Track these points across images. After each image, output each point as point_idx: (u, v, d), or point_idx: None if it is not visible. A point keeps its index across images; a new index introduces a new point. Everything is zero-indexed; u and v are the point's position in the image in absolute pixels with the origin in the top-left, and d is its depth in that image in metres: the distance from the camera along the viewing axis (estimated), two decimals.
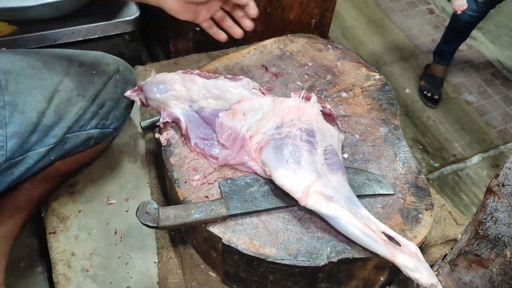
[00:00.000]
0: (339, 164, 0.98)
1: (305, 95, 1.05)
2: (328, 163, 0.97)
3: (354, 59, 1.30)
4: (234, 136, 1.01)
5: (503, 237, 0.77)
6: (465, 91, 2.57)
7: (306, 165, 0.95)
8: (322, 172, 0.95)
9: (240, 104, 1.03)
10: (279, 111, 1.01)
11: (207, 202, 0.94)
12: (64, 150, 1.07)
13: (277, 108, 1.02)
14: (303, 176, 0.94)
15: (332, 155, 0.98)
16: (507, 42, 2.85)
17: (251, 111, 1.02)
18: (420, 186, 1.03)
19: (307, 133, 0.99)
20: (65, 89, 1.04)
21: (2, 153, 0.94)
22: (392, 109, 1.18)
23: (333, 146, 0.99)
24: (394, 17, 2.92)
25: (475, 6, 2.21)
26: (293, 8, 1.58)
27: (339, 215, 0.90)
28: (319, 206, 0.91)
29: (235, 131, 1.01)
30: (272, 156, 0.97)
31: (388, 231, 0.91)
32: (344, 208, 0.90)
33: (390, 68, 2.62)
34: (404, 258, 0.86)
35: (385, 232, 0.91)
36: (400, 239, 0.90)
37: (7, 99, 0.96)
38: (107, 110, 1.11)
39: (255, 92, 1.07)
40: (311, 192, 0.92)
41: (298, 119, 1.00)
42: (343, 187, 0.94)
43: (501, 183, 0.72)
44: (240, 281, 1.00)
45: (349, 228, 0.89)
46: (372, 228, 0.90)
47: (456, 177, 2.20)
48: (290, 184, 0.94)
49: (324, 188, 0.92)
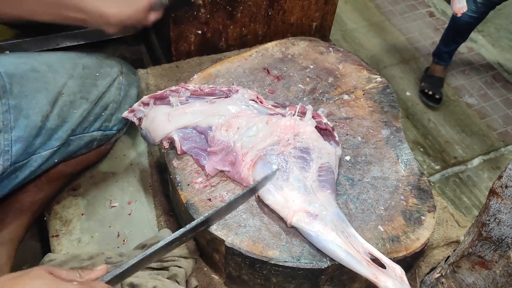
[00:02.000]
0: (331, 183, 0.97)
1: (301, 109, 1.05)
2: (320, 180, 0.96)
3: (355, 61, 1.30)
4: (226, 150, 1.01)
5: (507, 239, 0.77)
6: (466, 94, 2.57)
7: (295, 182, 0.94)
8: (312, 189, 0.94)
9: (236, 119, 1.03)
10: (275, 130, 1.00)
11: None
12: (68, 152, 1.07)
13: (273, 127, 1.00)
14: (290, 194, 0.93)
15: (328, 172, 0.97)
16: (507, 44, 2.86)
17: (246, 127, 1.01)
18: (423, 188, 1.03)
19: (301, 151, 0.98)
20: (69, 92, 1.04)
21: (7, 158, 0.95)
22: (393, 112, 1.18)
23: (330, 164, 0.99)
24: (395, 20, 2.92)
25: (474, 7, 2.21)
26: (294, 11, 1.59)
27: (322, 233, 0.89)
28: (303, 224, 0.90)
29: (227, 145, 1.00)
30: (262, 173, 0.96)
31: (375, 252, 0.89)
32: (328, 226, 0.89)
33: (390, 71, 2.62)
34: (387, 282, 0.84)
35: (371, 252, 0.89)
36: (386, 261, 0.88)
37: (12, 102, 0.96)
38: (110, 112, 1.11)
39: (251, 104, 1.07)
40: (296, 211, 0.91)
41: (293, 138, 0.99)
42: (330, 205, 0.93)
43: (504, 185, 0.72)
44: (243, 283, 1.00)
45: (331, 246, 0.88)
46: (357, 248, 0.88)
47: (457, 179, 2.20)
48: (276, 203, 0.94)
49: (310, 206, 0.92)
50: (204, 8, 1.45)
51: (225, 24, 1.53)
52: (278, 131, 0.99)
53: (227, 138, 1.00)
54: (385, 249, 0.93)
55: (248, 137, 1.00)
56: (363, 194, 1.02)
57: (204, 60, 1.53)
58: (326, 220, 0.90)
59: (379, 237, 0.95)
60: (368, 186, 1.03)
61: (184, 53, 1.55)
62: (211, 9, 1.47)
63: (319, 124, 1.03)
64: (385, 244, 0.94)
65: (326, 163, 0.98)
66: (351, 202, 1.00)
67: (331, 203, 0.94)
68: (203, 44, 1.56)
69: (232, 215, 0.96)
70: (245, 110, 1.05)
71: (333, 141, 1.04)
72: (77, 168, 1.17)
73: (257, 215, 0.96)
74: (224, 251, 0.94)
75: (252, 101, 1.07)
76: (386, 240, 0.95)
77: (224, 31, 1.54)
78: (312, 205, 0.92)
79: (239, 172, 0.98)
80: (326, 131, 1.04)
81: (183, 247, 1.02)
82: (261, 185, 0.95)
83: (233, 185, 1.01)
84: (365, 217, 0.98)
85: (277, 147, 0.98)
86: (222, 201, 0.98)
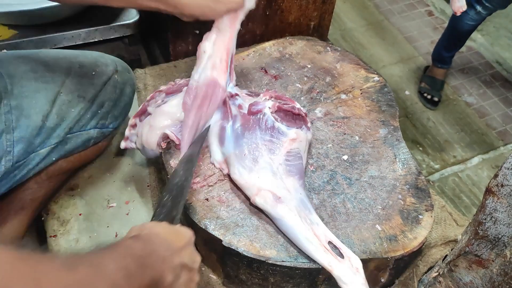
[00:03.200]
0: (298, 168, 0.98)
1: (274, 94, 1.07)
2: (287, 165, 0.97)
3: (353, 61, 1.30)
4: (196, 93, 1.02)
5: (503, 237, 0.77)
6: (465, 93, 2.57)
7: (263, 163, 0.96)
8: (278, 172, 0.95)
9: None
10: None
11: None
12: (65, 150, 1.07)
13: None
14: (257, 175, 0.95)
15: (296, 158, 0.99)
16: (506, 43, 2.85)
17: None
18: (420, 187, 1.03)
19: (270, 132, 1.00)
20: (67, 91, 1.05)
21: (9, 158, 0.95)
22: (391, 111, 1.18)
23: (299, 149, 1.00)
24: (393, 19, 2.92)
25: (475, 15, 2.20)
26: (292, 10, 1.58)
27: (284, 216, 0.90)
28: (267, 206, 0.92)
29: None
30: (232, 149, 0.99)
31: (335, 241, 0.90)
32: (292, 211, 0.90)
33: (389, 70, 2.62)
34: (340, 271, 0.86)
35: (332, 241, 0.90)
36: (345, 251, 0.89)
37: (13, 103, 0.97)
38: (106, 110, 1.12)
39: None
40: (259, 189, 0.93)
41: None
42: (296, 191, 0.94)
43: (500, 184, 0.72)
44: (241, 283, 1.00)
45: (292, 230, 0.90)
46: (317, 235, 0.89)
47: (456, 178, 2.20)
48: (245, 181, 0.96)
49: (276, 188, 0.93)
50: None
51: None
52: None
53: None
54: (382, 248, 0.93)
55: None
56: (360, 194, 1.02)
57: None
58: (290, 205, 0.91)
59: (377, 236, 0.95)
60: (365, 186, 1.03)
61: (182, 53, 1.55)
62: None
63: (292, 110, 1.04)
64: (382, 243, 0.94)
65: (296, 148, 0.99)
66: (348, 202, 1.00)
67: (297, 189, 0.95)
68: None
69: (229, 215, 0.96)
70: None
71: (305, 126, 1.05)
72: (76, 164, 1.18)
73: (254, 215, 0.96)
74: (221, 250, 0.94)
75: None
76: (384, 239, 0.95)
77: None
78: (278, 188, 0.93)
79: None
80: (299, 116, 1.05)
81: None
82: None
83: (230, 185, 1.01)
84: (363, 216, 0.98)
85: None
86: (220, 201, 0.98)
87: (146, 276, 0.57)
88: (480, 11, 2.19)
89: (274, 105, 1.02)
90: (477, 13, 2.20)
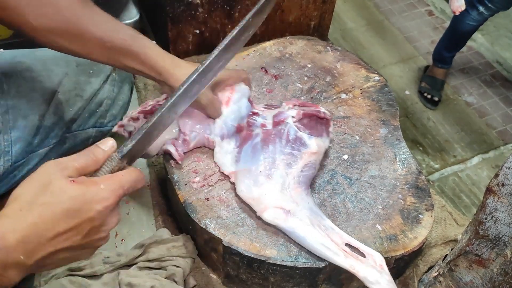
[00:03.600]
0: (308, 178, 0.96)
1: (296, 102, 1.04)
2: (299, 176, 0.95)
3: (353, 60, 1.30)
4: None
5: (504, 237, 0.77)
6: (465, 93, 2.57)
7: (277, 178, 0.93)
8: (289, 186, 0.93)
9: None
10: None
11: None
12: (64, 150, 1.07)
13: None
14: (265, 191, 0.92)
15: (310, 168, 0.97)
16: (507, 43, 2.86)
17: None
18: (421, 187, 1.03)
19: (292, 143, 0.96)
20: (64, 90, 1.05)
21: (8, 158, 0.95)
22: (391, 110, 1.18)
23: (316, 161, 0.98)
24: (393, 19, 2.92)
25: (477, 15, 2.20)
26: (292, 10, 1.58)
27: (297, 228, 0.88)
28: (278, 221, 0.90)
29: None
30: (245, 165, 0.97)
31: (353, 242, 0.89)
32: (303, 221, 0.89)
33: (389, 70, 2.62)
34: (365, 271, 0.84)
35: (349, 243, 0.89)
36: (364, 249, 0.88)
37: (10, 103, 0.96)
38: (104, 109, 1.12)
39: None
40: (267, 206, 0.91)
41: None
42: (303, 200, 0.92)
43: (501, 183, 0.72)
44: (241, 283, 1.00)
45: (307, 240, 0.88)
46: (334, 240, 0.88)
47: (456, 178, 2.20)
48: (249, 197, 0.94)
49: (284, 202, 0.91)
50: (202, 8, 1.45)
51: (223, 24, 1.53)
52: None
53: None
54: (383, 248, 0.93)
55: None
56: (361, 193, 1.02)
57: (202, 60, 1.52)
58: (301, 215, 0.90)
59: (377, 236, 0.95)
60: (366, 185, 1.03)
61: (182, 52, 1.55)
62: (209, 9, 1.47)
63: (317, 114, 1.00)
64: (383, 243, 0.94)
65: (313, 160, 0.97)
66: (349, 201, 1.00)
67: (303, 198, 0.93)
68: (201, 43, 1.55)
69: (230, 215, 0.96)
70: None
71: (326, 132, 1.02)
72: None
73: (254, 214, 0.96)
74: (222, 250, 0.94)
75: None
76: (384, 239, 0.95)
77: (222, 30, 1.54)
78: (286, 202, 0.91)
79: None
80: (324, 120, 1.02)
81: (181, 247, 1.02)
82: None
83: (231, 185, 1.01)
84: (363, 216, 0.98)
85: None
86: (220, 200, 0.98)
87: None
88: (483, 12, 2.18)
89: (298, 113, 0.99)
90: (479, 14, 2.20)
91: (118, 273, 0.96)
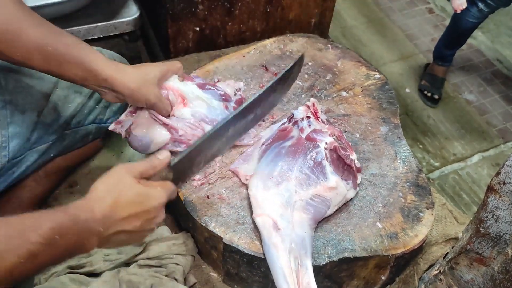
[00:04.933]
0: (318, 212, 0.92)
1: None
2: (308, 203, 0.91)
3: (354, 58, 1.30)
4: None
5: (505, 235, 0.76)
6: (465, 91, 2.56)
7: (284, 190, 0.92)
8: (294, 205, 0.91)
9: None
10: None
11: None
12: (63, 146, 1.07)
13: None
14: (270, 197, 0.91)
15: (322, 203, 0.92)
16: (507, 41, 2.85)
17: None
18: (421, 185, 1.03)
19: (311, 167, 0.93)
20: (63, 86, 1.04)
21: (5, 154, 0.95)
22: (392, 108, 1.18)
23: (330, 200, 0.93)
24: (394, 16, 2.91)
25: (477, 12, 2.19)
26: (293, 7, 1.58)
27: (274, 246, 0.87)
28: (264, 230, 0.89)
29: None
30: (264, 165, 0.96)
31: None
32: (284, 245, 0.86)
33: (389, 68, 2.61)
34: None
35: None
36: None
37: (8, 98, 0.96)
38: (104, 105, 1.12)
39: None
40: (263, 215, 0.90)
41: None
42: (300, 227, 0.89)
43: (502, 181, 0.72)
44: (241, 280, 0.99)
45: (274, 264, 0.86)
46: (300, 279, 0.85)
47: (456, 176, 2.19)
48: (255, 199, 0.93)
49: (279, 218, 0.89)
50: (202, 5, 1.45)
51: (223, 21, 1.52)
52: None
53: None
54: (383, 246, 0.93)
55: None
56: (361, 191, 1.01)
57: (202, 57, 1.52)
58: (286, 238, 0.87)
59: (378, 234, 0.95)
60: (366, 183, 1.03)
61: (182, 50, 1.55)
62: (209, 6, 1.46)
63: (344, 158, 0.96)
64: (383, 241, 0.94)
65: (328, 197, 0.93)
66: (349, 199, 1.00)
67: (303, 226, 0.90)
68: (201, 40, 1.55)
69: (230, 213, 0.96)
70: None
71: (352, 182, 0.97)
72: (75, 161, 1.17)
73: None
74: (222, 248, 0.94)
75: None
76: (385, 237, 0.94)
77: (222, 27, 1.54)
78: (282, 218, 0.89)
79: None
80: (349, 168, 0.98)
81: (181, 244, 1.01)
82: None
83: (231, 182, 1.01)
84: (364, 214, 0.98)
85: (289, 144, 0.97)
86: (220, 198, 0.98)
87: (71, 242, 0.65)
88: (482, 9, 2.18)
89: (332, 143, 0.96)
90: (479, 11, 2.19)
91: (118, 270, 0.96)
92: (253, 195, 0.93)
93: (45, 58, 0.82)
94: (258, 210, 0.91)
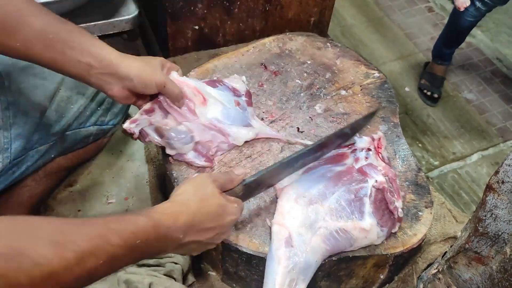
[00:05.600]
0: (337, 246, 0.88)
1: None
2: (331, 235, 0.88)
3: (353, 57, 1.30)
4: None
5: (503, 234, 0.76)
6: (465, 89, 2.57)
7: (311, 212, 0.89)
8: (314, 230, 0.88)
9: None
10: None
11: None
12: (64, 147, 1.07)
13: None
14: (296, 212, 0.89)
15: (345, 240, 0.88)
16: (506, 40, 2.85)
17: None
18: (420, 184, 1.03)
19: (351, 201, 0.90)
20: (66, 87, 1.04)
21: (7, 155, 0.95)
22: (391, 107, 1.18)
23: (356, 238, 0.88)
24: (393, 15, 2.91)
25: (474, 11, 2.20)
26: (292, 6, 1.58)
27: (277, 258, 0.85)
28: (275, 238, 0.88)
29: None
30: (305, 180, 0.94)
31: None
32: (288, 264, 0.85)
33: (389, 67, 2.61)
34: None
35: None
36: None
37: (10, 99, 0.96)
38: (106, 107, 1.11)
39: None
40: (283, 224, 0.89)
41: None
42: (312, 253, 0.86)
43: (501, 180, 0.72)
44: (240, 279, 0.99)
45: (269, 276, 0.85)
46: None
47: (455, 175, 2.20)
48: (281, 205, 0.92)
49: (297, 236, 0.87)
50: (201, 4, 1.45)
51: (222, 20, 1.52)
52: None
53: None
54: (382, 245, 0.93)
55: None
56: None
57: (201, 56, 1.52)
58: (293, 258, 0.85)
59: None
60: None
61: (181, 48, 1.55)
62: (208, 5, 1.46)
63: (389, 202, 0.90)
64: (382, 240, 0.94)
65: (355, 236, 0.89)
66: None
67: (316, 254, 0.87)
68: (200, 39, 1.55)
69: None
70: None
71: (387, 229, 0.91)
72: (75, 161, 1.17)
73: (253, 212, 0.96)
74: (220, 247, 0.94)
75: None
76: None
77: (221, 26, 1.54)
78: (298, 236, 0.87)
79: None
80: (390, 214, 0.91)
81: None
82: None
83: None
84: None
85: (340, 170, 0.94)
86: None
87: (150, 247, 0.66)
88: (480, 7, 2.19)
89: (381, 183, 0.90)
90: (477, 9, 2.20)
91: None
92: (282, 202, 0.92)
93: (47, 45, 0.80)
94: (279, 218, 0.90)
